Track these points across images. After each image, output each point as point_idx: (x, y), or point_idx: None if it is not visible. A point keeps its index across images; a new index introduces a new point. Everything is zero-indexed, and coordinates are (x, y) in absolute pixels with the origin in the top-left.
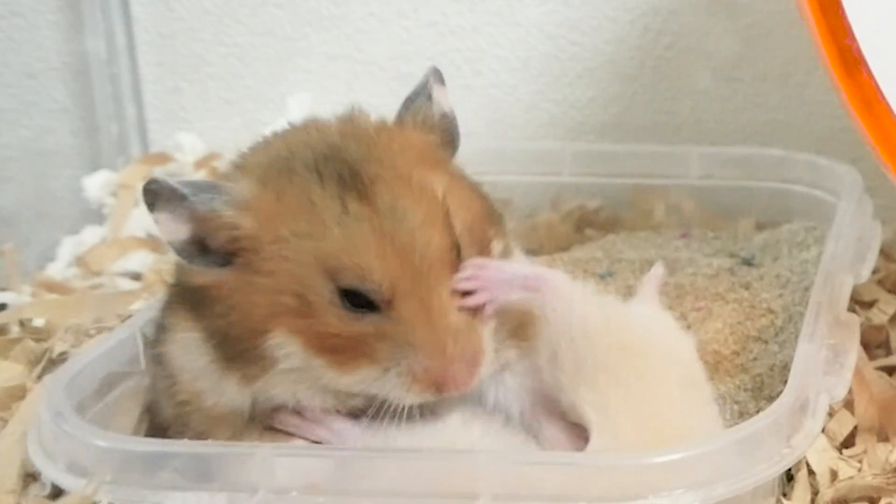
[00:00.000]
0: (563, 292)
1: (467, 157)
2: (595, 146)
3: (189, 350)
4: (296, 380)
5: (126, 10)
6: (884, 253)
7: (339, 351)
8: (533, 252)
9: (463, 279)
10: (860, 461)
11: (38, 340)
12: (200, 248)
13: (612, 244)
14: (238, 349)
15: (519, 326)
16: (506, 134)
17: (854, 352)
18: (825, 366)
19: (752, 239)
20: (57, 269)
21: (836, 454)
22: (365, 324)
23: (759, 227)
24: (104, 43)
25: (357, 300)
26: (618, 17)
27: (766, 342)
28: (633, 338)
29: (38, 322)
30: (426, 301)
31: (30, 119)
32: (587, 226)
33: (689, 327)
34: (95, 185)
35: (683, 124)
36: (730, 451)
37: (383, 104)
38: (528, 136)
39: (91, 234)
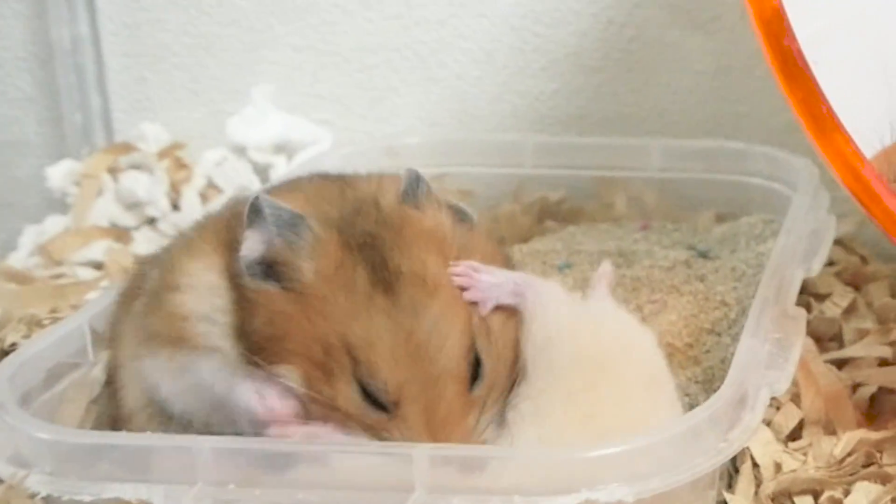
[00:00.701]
0: (544, 298)
1: (430, 148)
2: (557, 138)
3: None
4: None
5: None
6: (844, 245)
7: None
8: None
9: (455, 275)
10: (805, 454)
11: None
12: (267, 268)
13: (572, 236)
14: (253, 343)
15: None
16: (470, 125)
17: (799, 346)
18: (769, 360)
19: (711, 231)
20: (18, 258)
21: (781, 447)
22: (369, 415)
23: (720, 219)
24: (68, 32)
25: (368, 393)
26: (581, 9)
27: (718, 335)
28: (593, 341)
29: None
30: (431, 409)
31: None
32: (548, 217)
33: (644, 319)
34: (59, 174)
35: (648, 116)
36: (665, 444)
37: (347, 94)
38: (492, 128)
39: (54, 224)
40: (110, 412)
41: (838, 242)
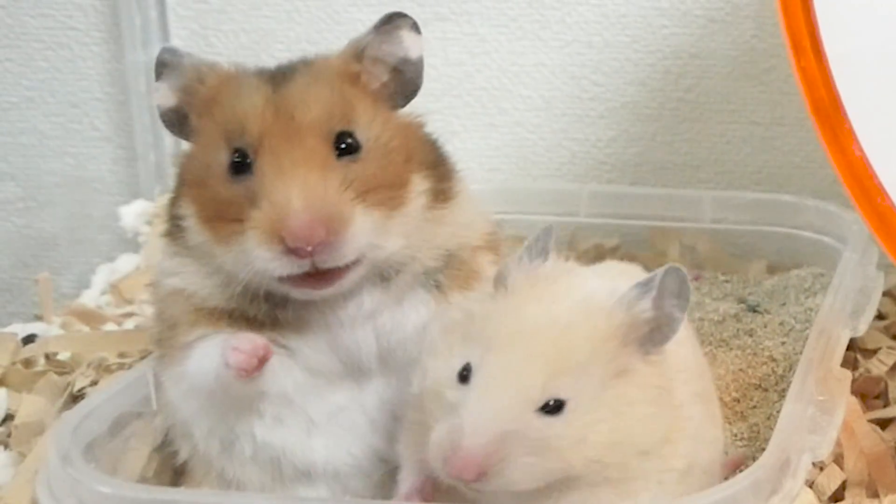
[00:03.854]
0: None
1: (486, 195)
2: (611, 187)
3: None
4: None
5: (166, 42)
6: (894, 297)
7: (221, 220)
8: None
9: None
10: None
11: (61, 374)
12: (182, 119)
13: None
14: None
15: None
16: (529, 171)
17: (842, 408)
18: (811, 424)
19: (762, 283)
20: (91, 297)
21: None
22: (240, 187)
23: (771, 270)
24: (143, 76)
25: (239, 166)
26: (640, 59)
27: (766, 390)
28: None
29: (64, 355)
30: (285, 156)
31: (73, 147)
32: None
33: None
34: (132, 213)
35: (702, 165)
36: None
37: None
38: (550, 174)
39: (126, 262)
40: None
41: (888, 294)
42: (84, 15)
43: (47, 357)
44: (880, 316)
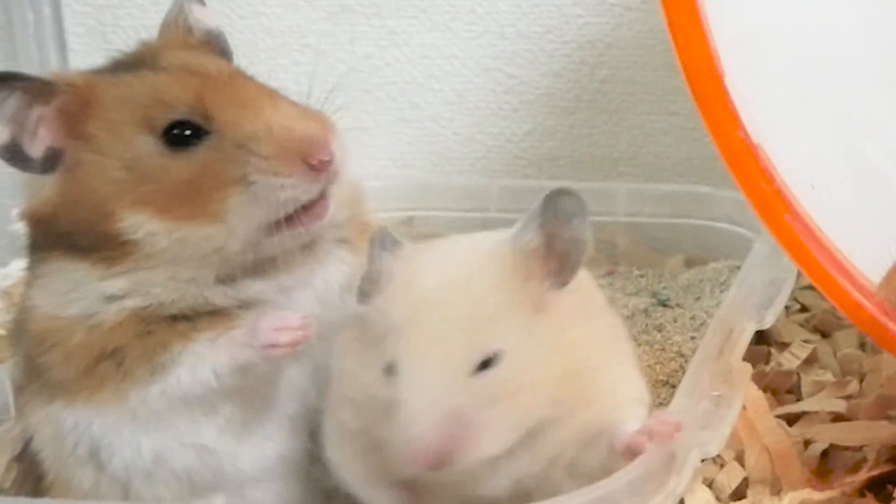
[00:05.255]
0: None
1: (396, 191)
2: (522, 182)
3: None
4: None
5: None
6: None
7: (190, 199)
8: None
9: None
10: None
11: None
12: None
13: None
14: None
15: None
16: (442, 168)
17: (739, 404)
18: (704, 419)
19: (677, 277)
20: None
21: None
22: (200, 154)
23: (689, 263)
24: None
25: (179, 139)
26: (554, 50)
27: (673, 386)
28: None
29: None
30: (244, 101)
31: None
32: None
33: None
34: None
35: (621, 158)
36: None
37: None
38: (464, 170)
39: (18, 267)
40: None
41: (812, 287)
42: None
43: None
44: (803, 308)
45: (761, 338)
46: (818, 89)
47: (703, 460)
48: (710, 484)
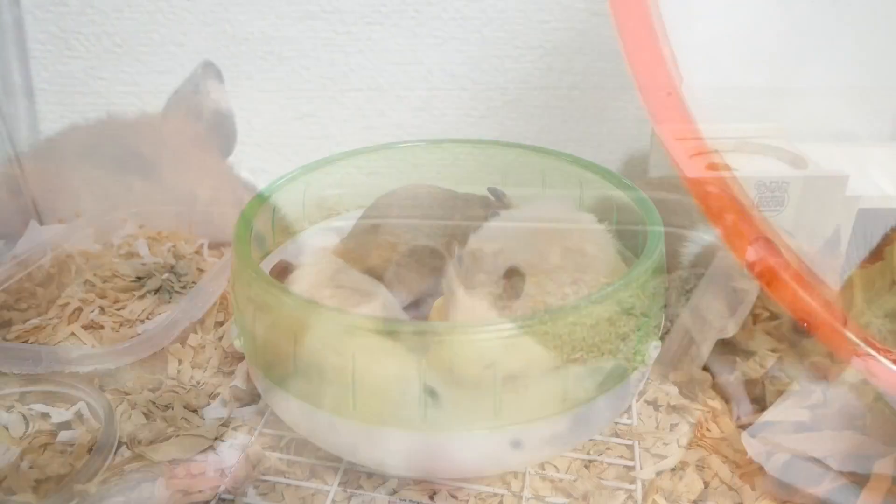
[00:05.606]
0: None
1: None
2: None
3: None
4: None
5: (22, 48)
6: None
7: None
8: None
9: None
10: None
11: None
12: None
13: None
14: None
15: None
16: (409, 176)
17: (696, 413)
18: (663, 429)
19: (643, 285)
20: None
21: None
22: None
23: (655, 272)
24: None
25: None
26: (520, 56)
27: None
28: None
29: None
30: None
31: None
32: None
33: None
34: None
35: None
36: None
37: (283, 143)
38: (432, 178)
39: None
40: None
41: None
42: None
43: None
44: (772, 317)
45: (728, 346)
46: None
47: (659, 472)
48: (668, 495)
